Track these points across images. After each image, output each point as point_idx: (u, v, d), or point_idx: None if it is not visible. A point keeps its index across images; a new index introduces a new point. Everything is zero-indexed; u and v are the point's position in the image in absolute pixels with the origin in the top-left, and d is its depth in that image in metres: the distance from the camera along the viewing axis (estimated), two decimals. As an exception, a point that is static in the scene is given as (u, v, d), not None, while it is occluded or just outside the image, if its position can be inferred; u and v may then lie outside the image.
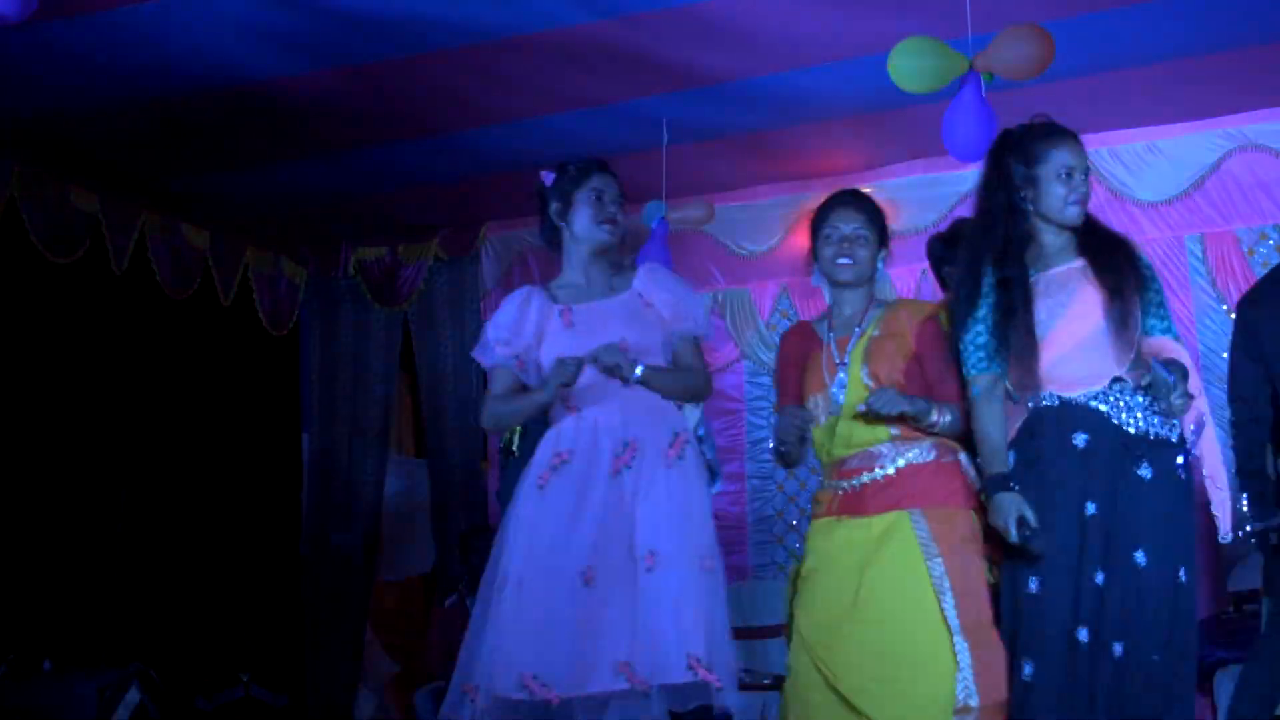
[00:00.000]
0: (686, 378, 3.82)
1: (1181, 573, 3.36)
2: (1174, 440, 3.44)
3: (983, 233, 3.58)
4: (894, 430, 3.57)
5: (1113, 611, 3.31)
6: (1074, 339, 3.47)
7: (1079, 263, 3.52)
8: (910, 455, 3.57)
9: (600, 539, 3.58)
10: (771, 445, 3.82)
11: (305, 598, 7.77)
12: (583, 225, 3.81)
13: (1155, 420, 3.42)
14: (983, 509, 3.53)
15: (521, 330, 3.81)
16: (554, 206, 3.85)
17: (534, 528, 3.64)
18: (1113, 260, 3.50)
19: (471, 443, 7.66)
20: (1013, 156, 3.55)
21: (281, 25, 5.24)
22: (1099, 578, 3.34)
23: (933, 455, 3.58)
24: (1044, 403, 3.48)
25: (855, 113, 6.20)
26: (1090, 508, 3.38)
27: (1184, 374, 3.39)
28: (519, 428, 4.69)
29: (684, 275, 6.60)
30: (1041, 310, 3.48)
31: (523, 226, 7.69)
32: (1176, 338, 3.56)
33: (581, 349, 3.70)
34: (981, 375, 3.51)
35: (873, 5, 5.22)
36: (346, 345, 7.99)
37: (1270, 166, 6.45)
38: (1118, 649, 3.30)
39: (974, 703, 3.37)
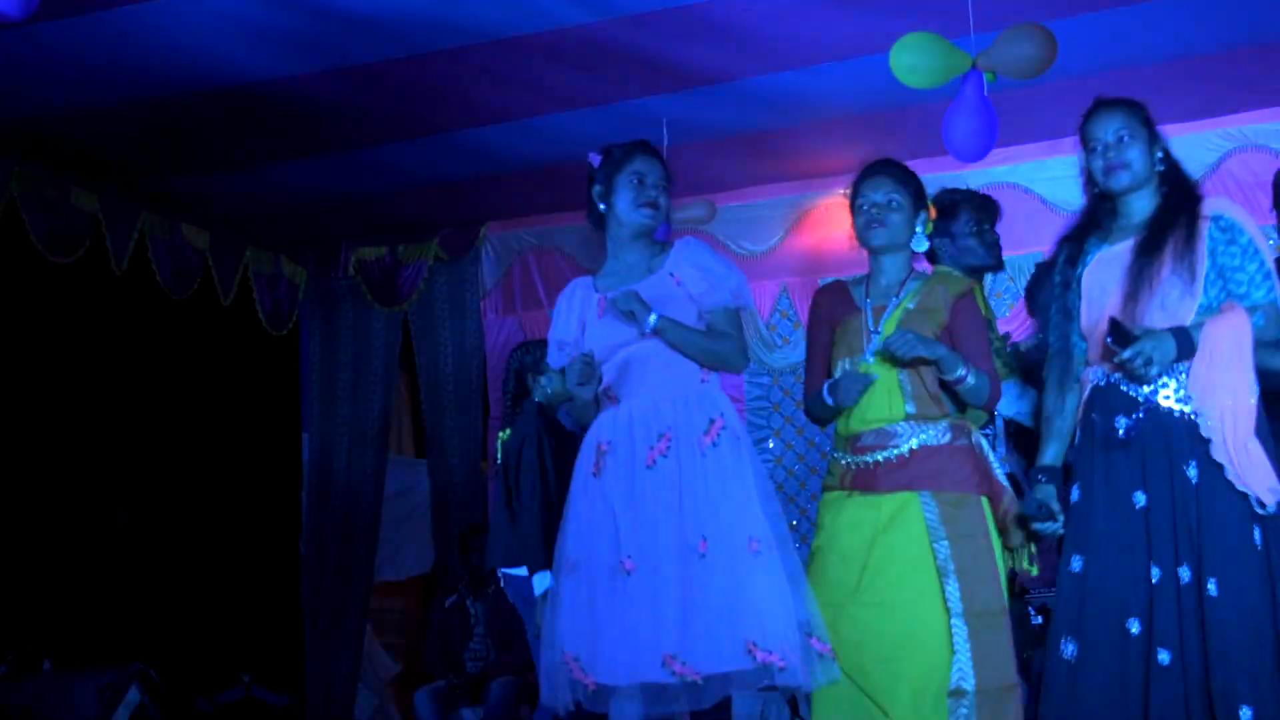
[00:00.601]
0: (708, 339, 3.70)
1: (1242, 590, 3.22)
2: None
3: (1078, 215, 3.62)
4: (911, 410, 3.58)
5: (1160, 616, 3.26)
6: (1123, 317, 3.40)
7: (1138, 238, 3.47)
8: (925, 436, 3.58)
9: (638, 530, 3.57)
10: (822, 400, 3.72)
11: (305, 598, 7.77)
12: (624, 208, 3.78)
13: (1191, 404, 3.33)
14: (994, 496, 3.57)
15: (570, 326, 3.83)
16: (597, 189, 3.84)
17: (588, 514, 3.66)
18: (1164, 235, 3.42)
19: (471, 443, 7.66)
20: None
21: (281, 25, 5.23)
22: (1156, 574, 3.29)
23: (947, 437, 3.60)
24: (1098, 381, 3.46)
25: (855, 113, 6.19)
26: (1140, 499, 3.33)
27: (1179, 342, 3.28)
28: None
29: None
30: (1094, 288, 3.47)
31: (523, 226, 7.70)
32: (1253, 304, 3.35)
33: (615, 336, 3.70)
34: (1051, 355, 3.52)
35: (874, 4, 5.21)
36: (346, 345, 7.99)
37: (1270, 166, 6.42)
38: (1163, 657, 3.25)
39: (968, 686, 3.38)
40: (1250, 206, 6.49)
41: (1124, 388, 3.39)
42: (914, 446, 3.58)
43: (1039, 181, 6.65)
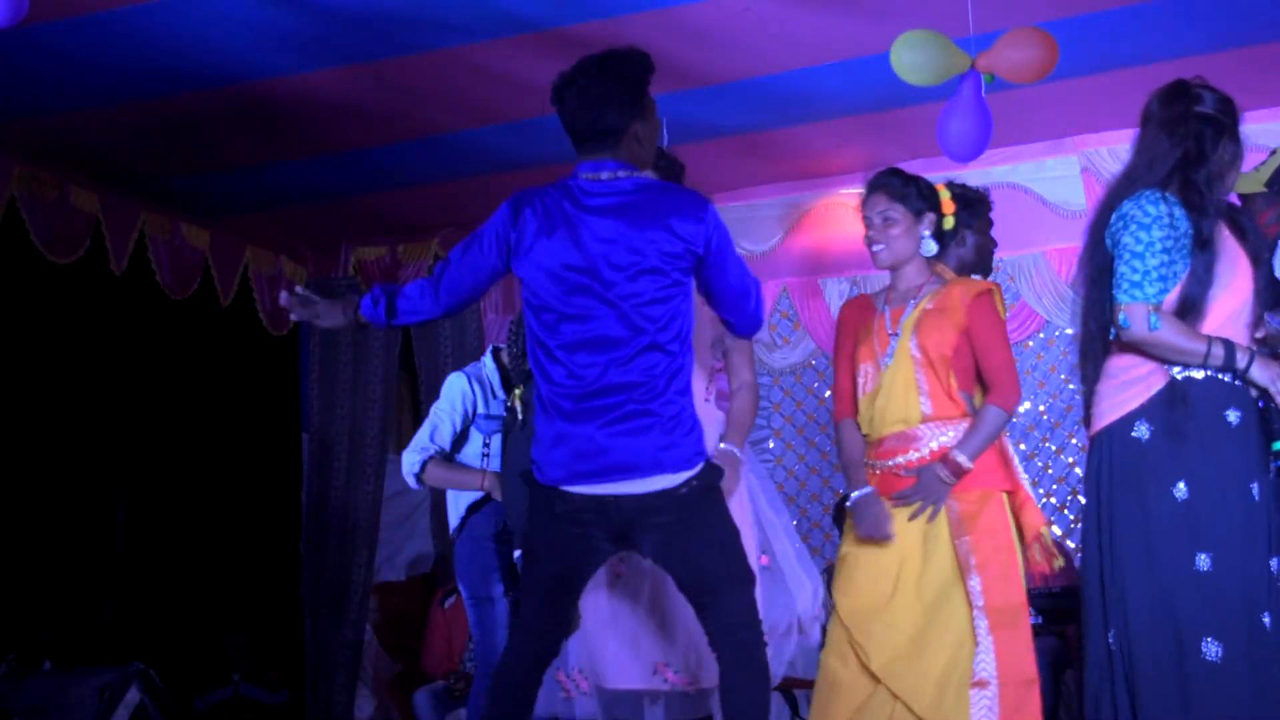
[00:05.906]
0: None
1: None
2: None
3: None
4: (927, 410, 3.61)
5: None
6: (1227, 310, 3.35)
7: (1231, 229, 3.46)
8: (945, 438, 3.62)
9: None
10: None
11: (305, 598, 7.77)
12: None
13: None
14: (1015, 490, 3.59)
15: None
16: None
17: None
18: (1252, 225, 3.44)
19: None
20: None
21: (282, 25, 5.23)
22: (1275, 564, 3.24)
23: None
24: (1188, 374, 3.30)
25: (855, 113, 6.19)
26: (1255, 491, 3.24)
27: None
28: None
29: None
30: (1210, 264, 3.41)
31: (523, 227, 7.69)
32: None
33: None
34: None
35: (873, 5, 5.21)
36: (346, 345, 7.98)
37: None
38: None
39: (990, 677, 3.41)
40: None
41: (1225, 379, 3.29)
42: (934, 448, 3.61)
43: (1039, 181, 6.64)
